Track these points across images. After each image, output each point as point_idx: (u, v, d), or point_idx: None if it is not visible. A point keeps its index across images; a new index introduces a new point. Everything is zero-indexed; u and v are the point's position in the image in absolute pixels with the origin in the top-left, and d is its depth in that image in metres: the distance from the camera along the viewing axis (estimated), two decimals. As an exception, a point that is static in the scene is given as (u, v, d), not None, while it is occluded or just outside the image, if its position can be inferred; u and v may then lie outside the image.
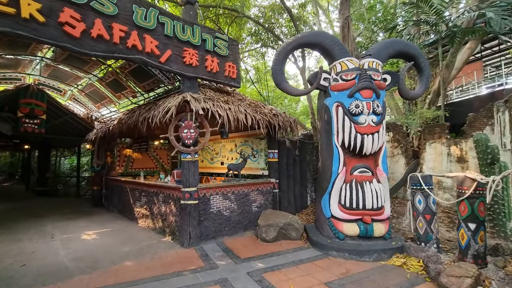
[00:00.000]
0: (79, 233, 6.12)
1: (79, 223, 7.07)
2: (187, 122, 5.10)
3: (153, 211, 6.34)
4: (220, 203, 5.79)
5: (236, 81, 6.08)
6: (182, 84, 5.32)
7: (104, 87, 8.28)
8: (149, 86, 7.19)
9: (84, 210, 8.88)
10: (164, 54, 4.80)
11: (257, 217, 6.43)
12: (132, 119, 6.10)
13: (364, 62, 5.02)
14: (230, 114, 5.31)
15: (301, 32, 5.82)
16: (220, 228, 5.72)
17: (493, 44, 14.75)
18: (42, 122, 8.26)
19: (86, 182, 13.25)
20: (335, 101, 5.02)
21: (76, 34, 3.83)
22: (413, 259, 4.32)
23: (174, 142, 5.13)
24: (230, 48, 5.93)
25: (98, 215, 8.04)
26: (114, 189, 8.63)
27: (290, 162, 7.48)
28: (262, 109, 6.38)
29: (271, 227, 5.54)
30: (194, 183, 5.26)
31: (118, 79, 7.50)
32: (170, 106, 4.85)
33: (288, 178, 7.38)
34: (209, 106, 5.03)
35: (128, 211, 7.56)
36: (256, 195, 6.55)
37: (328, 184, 5.11)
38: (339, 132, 4.95)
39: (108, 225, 6.89)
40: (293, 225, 5.59)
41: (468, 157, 6.97)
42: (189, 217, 5.15)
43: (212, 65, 5.53)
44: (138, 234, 6.08)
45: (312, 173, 8.26)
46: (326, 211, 5.11)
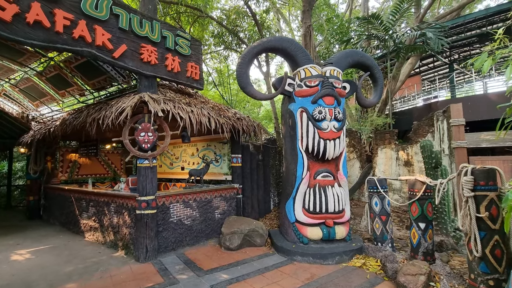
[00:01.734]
0: (8, 253, 5.18)
1: (9, 240, 6.01)
2: (144, 124, 4.68)
3: (103, 223, 5.68)
4: (181, 211, 5.43)
5: (199, 82, 5.81)
6: (139, 83, 4.89)
7: (44, 82, 7.26)
8: (100, 84, 6.49)
9: (16, 224, 7.63)
10: (118, 49, 4.35)
11: (221, 224, 6.20)
12: (78, 120, 5.41)
13: (326, 70, 5.18)
14: (192, 117, 5.03)
15: (267, 37, 5.81)
16: (180, 238, 5.35)
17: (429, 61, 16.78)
18: (-40, 121, 6.90)
19: (20, 192, 11.48)
20: (300, 106, 5.08)
21: (6, 17, 3.23)
22: (371, 259, 4.53)
23: (129, 146, 4.66)
24: (193, 48, 5.65)
25: (34, 230, 6.96)
26: (56, 199, 7.58)
27: (254, 167, 7.41)
28: (226, 112, 6.20)
29: (235, 234, 5.36)
30: (152, 191, 4.84)
31: (62, 74, 6.63)
32: (125, 106, 4.39)
33: (252, 183, 7.29)
34: (170, 108, 4.69)
35: (73, 223, 6.68)
36: (219, 202, 6.31)
37: (292, 189, 5.12)
38: (303, 137, 5.02)
39: (47, 241, 5.98)
40: (257, 231, 5.49)
41: (414, 161, 7.68)
42: (145, 228, 4.70)
43: (173, 64, 5.19)
44: (84, 249, 5.38)
45: (275, 177, 8.31)
46: (291, 216, 5.11)
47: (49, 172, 8.17)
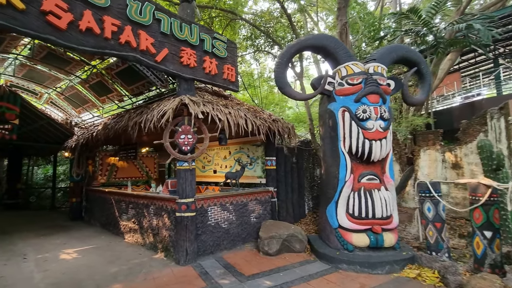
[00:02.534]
0: (57, 252, 5.42)
1: (55, 239, 6.32)
2: (184, 127, 4.69)
3: (143, 225, 5.78)
4: (218, 214, 5.38)
5: (235, 84, 5.77)
6: (179, 86, 4.93)
7: (87, 90, 7.66)
8: (138, 89, 6.70)
9: (61, 224, 8.05)
10: (160, 53, 4.41)
11: (256, 228, 6.07)
12: (120, 124, 5.58)
13: (369, 66, 4.89)
14: (230, 118, 4.97)
15: (305, 35, 5.64)
16: (218, 242, 5.28)
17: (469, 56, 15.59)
18: (14, 127, 7.44)
19: (62, 194, 12.22)
20: (341, 106, 4.84)
21: (62, 25, 3.37)
22: (426, 270, 4.13)
23: (170, 148, 4.69)
24: (229, 50, 5.63)
25: (77, 230, 7.28)
26: (97, 200, 7.91)
27: (288, 170, 7.22)
28: (261, 114, 6.10)
29: (274, 239, 5.19)
30: (191, 193, 4.82)
31: (103, 81, 6.94)
32: (167, 109, 4.43)
33: (286, 186, 7.10)
34: (209, 110, 4.67)
35: (113, 225, 6.90)
36: (254, 205, 6.19)
37: (334, 192, 4.86)
38: (346, 138, 4.76)
39: (91, 241, 6.21)
40: (296, 237, 5.27)
41: (463, 163, 7.04)
42: (185, 231, 4.68)
43: (211, 66, 5.19)
44: (126, 251, 5.49)
45: (309, 180, 8.05)
46: (333, 221, 4.85)
47: (90, 175, 8.56)
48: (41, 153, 11.56)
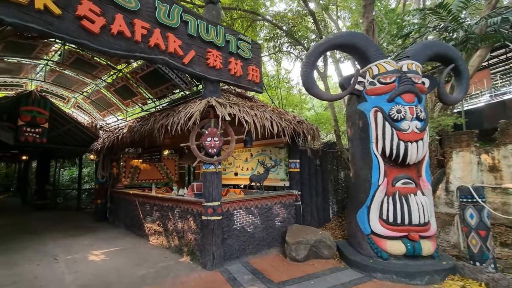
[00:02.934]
0: (86, 253, 5.51)
1: (83, 240, 6.45)
2: (210, 129, 4.63)
3: (168, 227, 5.78)
4: (244, 218, 5.28)
5: (259, 86, 5.68)
6: (204, 88, 4.89)
7: (111, 94, 7.83)
8: (162, 92, 6.75)
9: (87, 225, 8.24)
10: (188, 55, 4.39)
11: (281, 232, 5.93)
12: (146, 126, 5.63)
13: (403, 64, 4.65)
14: (256, 120, 4.87)
15: (333, 33, 5.46)
16: (244, 246, 5.18)
17: (500, 52, 14.71)
18: (44, 131, 7.72)
19: (87, 195, 12.59)
20: (373, 106, 4.62)
21: (95, 29, 3.40)
22: (471, 281, 3.83)
23: (196, 151, 4.65)
24: (253, 51, 5.55)
25: (103, 231, 7.42)
26: (121, 202, 8.04)
27: (312, 173, 7.02)
28: (286, 115, 5.96)
29: (301, 244, 5.02)
30: (218, 196, 4.75)
31: (128, 85, 7.06)
32: (193, 111, 4.40)
33: (311, 190, 6.91)
34: (236, 112, 4.59)
35: (137, 227, 6.96)
36: (279, 209, 6.04)
37: (366, 196, 4.64)
38: (379, 140, 4.53)
39: (116, 242, 6.29)
40: (325, 242, 5.07)
41: (502, 166, 6.58)
42: (212, 234, 4.61)
43: (236, 68, 5.13)
44: (151, 253, 5.50)
45: (333, 183, 7.81)
46: (365, 226, 4.62)
47: (114, 177, 8.73)
48: (68, 155, 11.98)
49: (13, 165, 18.63)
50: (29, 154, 12.34)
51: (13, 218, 9.29)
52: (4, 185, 18.80)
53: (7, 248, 5.81)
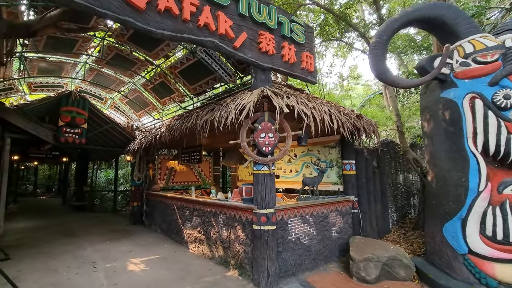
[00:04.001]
0: (124, 261, 5.09)
1: (121, 246, 6.09)
2: (264, 124, 3.98)
3: (210, 235, 5.20)
4: (299, 228, 4.54)
5: (313, 75, 4.94)
6: (255, 77, 4.26)
7: (148, 92, 7.54)
8: (201, 87, 6.27)
9: (123, 228, 7.99)
10: (239, 37, 3.79)
11: (338, 245, 5.12)
12: (186, 124, 5.12)
13: (505, 38, 3.67)
14: (316, 113, 4.13)
15: (412, 6, 4.58)
16: (300, 261, 4.43)
17: None
18: (83, 131, 7.62)
19: (122, 197, 12.60)
20: (468, 92, 3.68)
21: (141, 4, 2.90)
22: None
23: (248, 150, 4.01)
24: (306, 35, 4.84)
25: (140, 236, 7.07)
26: (157, 205, 7.67)
27: (369, 176, 6.11)
28: (343, 109, 5.15)
29: (371, 262, 4.16)
30: (272, 203, 4.07)
31: (166, 81, 6.68)
32: (246, 103, 3.77)
33: (368, 195, 6.00)
34: (294, 103, 3.89)
35: (175, 232, 6.50)
36: (335, 217, 5.23)
37: (458, 206, 3.69)
38: (478, 134, 3.58)
39: (155, 249, 5.84)
40: (400, 261, 4.17)
41: None
42: (266, 247, 3.93)
43: (290, 54, 4.44)
44: (193, 264, 4.94)
45: (392, 188, 6.81)
46: (458, 244, 3.67)
47: (150, 179, 8.43)
48: (105, 156, 12.07)
49: (55, 166, 19.55)
50: (69, 156, 12.63)
51: (54, 219, 9.37)
52: (46, 186, 19.77)
53: (48, 251, 5.59)
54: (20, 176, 18.41)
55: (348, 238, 5.42)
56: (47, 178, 21.03)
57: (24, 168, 19.47)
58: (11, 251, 5.45)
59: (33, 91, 7.81)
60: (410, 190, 7.20)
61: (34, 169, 19.23)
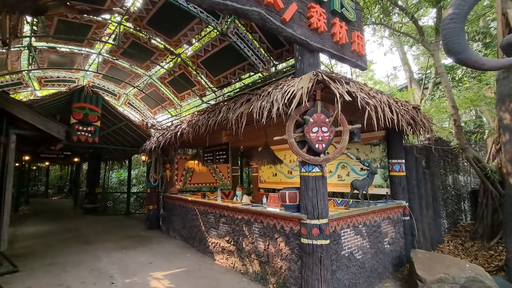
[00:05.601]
0: (145, 275, 4.47)
1: (139, 256, 5.48)
2: (317, 116, 3.27)
3: (242, 246, 4.53)
4: (352, 241, 3.82)
5: (363, 60, 4.18)
6: (301, 60, 3.57)
7: (165, 86, 6.93)
8: (226, 79, 5.62)
9: (139, 234, 7.40)
10: (288, 9, 3.08)
11: (391, 258, 4.42)
12: (215, 118, 4.46)
13: None
14: (377, 104, 3.41)
15: None
16: (354, 280, 3.72)
17: None
18: (96, 129, 7.06)
19: (135, 199, 12.08)
20: None
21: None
22: None
23: (296, 148, 3.31)
24: (357, 12, 4.10)
25: (158, 243, 6.46)
26: (176, 209, 7.06)
27: (420, 177, 5.35)
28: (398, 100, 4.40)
29: (445, 283, 3.41)
30: (325, 212, 3.37)
31: (186, 73, 6.06)
32: (296, 90, 3.07)
33: (420, 200, 5.23)
34: (356, 91, 3.17)
35: (198, 240, 5.85)
36: (387, 226, 4.50)
37: None
38: None
39: (177, 261, 5.21)
40: (482, 282, 3.40)
41: None
42: (320, 265, 3.23)
43: (341, 33, 3.71)
44: (224, 280, 4.28)
45: (442, 191, 6.01)
46: None
47: (167, 180, 7.83)
48: (118, 156, 11.56)
49: (66, 167, 19.27)
50: (80, 156, 12.17)
51: (65, 223, 8.87)
52: (58, 186, 19.52)
53: (60, 262, 5.03)
54: (32, 176, 18.18)
55: (401, 250, 4.69)
56: (59, 179, 20.80)
57: (36, 169, 19.25)
58: (21, 261, 4.93)
59: (43, 86, 7.30)
60: (461, 194, 6.37)
61: (45, 170, 18.99)
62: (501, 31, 4.66)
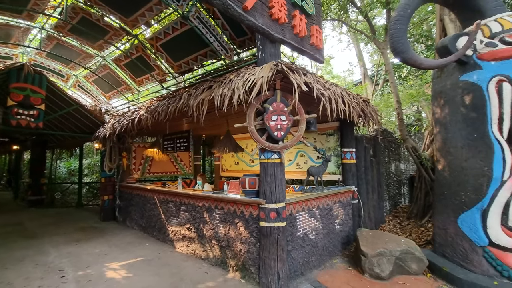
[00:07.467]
0: (100, 267, 4.29)
1: (93, 248, 5.22)
2: (276, 105, 3.41)
3: (203, 233, 4.59)
4: (306, 223, 4.12)
5: (321, 53, 4.41)
6: (262, 50, 3.64)
7: (122, 69, 6.49)
8: (187, 65, 5.46)
9: (93, 226, 7.00)
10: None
11: (340, 238, 4.86)
12: (175, 105, 4.36)
13: (531, 19, 3.46)
14: (331, 95, 3.65)
15: None
16: (307, 258, 4.03)
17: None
18: (40, 113, 6.36)
19: (88, 189, 11.27)
20: (494, 74, 3.44)
21: None
22: None
23: (256, 135, 3.42)
24: (316, 7, 4.28)
25: (114, 234, 6.19)
26: (133, 199, 6.79)
27: (368, 165, 5.88)
28: (350, 93, 4.75)
29: (383, 257, 3.89)
30: (283, 196, 3.57)
31: (144, 56, 5.74)
32: (257, 78, 3.16)
33: (367, 185, 5.78)
34: (312, 82, 3.36)
35: (158, 229, 5.75)
36: (338, 209, 4.91)
37: (480, 196, 3.51)
38: (505, 120, 3.37)
39: (135, 250, 5.08)
40: (413, 254, 3.95)
41: None
42: (276, 246, 3.44)
43: (301, 25, 3.85)
44: (185, 266, 4.31)
45: (385, 177, 6.69)
46: (477, 236, 3.51)
47: (124, 169, 7.46)
48: (66, 144, 10.58)
49: (3, 156, 17.09)
50: (21, 143, 10.89)
51: (5, 217, 7.97)
52: (-7, 178, 17.29)
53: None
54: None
55: (349, 230, 5.18)
56: (-6, 169, 18.37)
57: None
58: None
59: (-29, 63, 6.31)
60: (401, 179, 7.17)
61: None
62: (439, 35, 5.27)
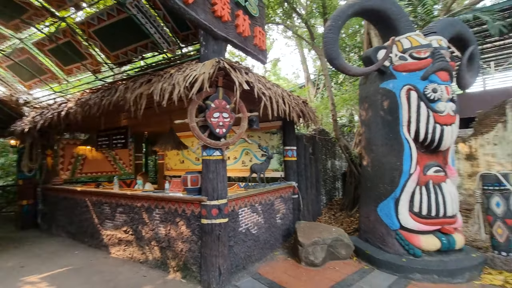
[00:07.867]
0: (14, 281, 3.72)
1: (5, 262, 4.49)
2: (218, 102, 3.42)
3: (142, 235, 4.34)
4: (249, 218, 4.24)
5: (264, 54, 4.61)
6: (205, 46, 3.60)
7: (46, 55, 5.69)
8: (125, 56, 5.08)
9: (7, 236, 6.00)
10: (191, -9, 3.06)
11: (282, 231, 5.14)
12: (110, 98, 4.03)
13: (431, 39, 4.18)
14: (272, 95, 3.84)
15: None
16: (249, 252, 4.16)
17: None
18: None
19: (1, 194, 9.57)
20: (405, 84, 4.04)
21: None
22: (507, 274, 3.62)
23: (198, 132, 3.39)
24: (260, 9, 4.44)
25: (35, 244, 5.42)
26: (60, 203, 6.03)
27: (307, 162, 6.33)
28: (291, 94, 5.04)
29: (317, 245, 4.25)
30: (224, 193, 3.61)
31: (74, 42, 5.13)
32: (198, 75, 3.13)
33: (306, 181, 6.22)
34: (253, 81, 3.47)
35: (90, 235, 5.23)
36: (279, 204, 5.18)
37: (392, 187, 4.10)
38: (412, 122, 3.99)
39: (62, 260, 4.53)
40: (342, 241, 4.41)
41: (479, 154, 6.92)
42: (218, 243, 3.47)
43: (244, 25, 3.96)
44: (120, 272, 4.03)
45: (322, 173, 7.28)
46: (391, 221, 4.09)
47: (49, 169, 6.58)
48: (-30, 141, 8.80)
49: None
50: None
51: None
52: None
53: None
54: None
55: (290, 223, 5.49)
56: None
57: None
58: None
59: None
60: (336, 175, 7.90)
61: None
62: (366, 46, 5.96)
